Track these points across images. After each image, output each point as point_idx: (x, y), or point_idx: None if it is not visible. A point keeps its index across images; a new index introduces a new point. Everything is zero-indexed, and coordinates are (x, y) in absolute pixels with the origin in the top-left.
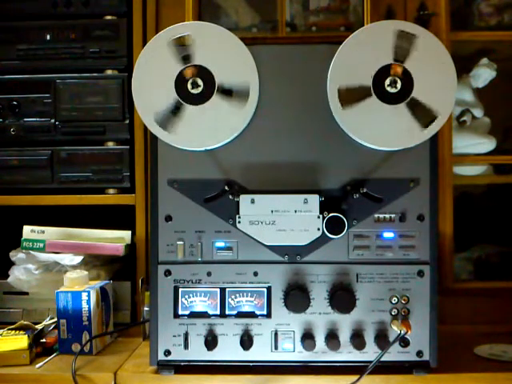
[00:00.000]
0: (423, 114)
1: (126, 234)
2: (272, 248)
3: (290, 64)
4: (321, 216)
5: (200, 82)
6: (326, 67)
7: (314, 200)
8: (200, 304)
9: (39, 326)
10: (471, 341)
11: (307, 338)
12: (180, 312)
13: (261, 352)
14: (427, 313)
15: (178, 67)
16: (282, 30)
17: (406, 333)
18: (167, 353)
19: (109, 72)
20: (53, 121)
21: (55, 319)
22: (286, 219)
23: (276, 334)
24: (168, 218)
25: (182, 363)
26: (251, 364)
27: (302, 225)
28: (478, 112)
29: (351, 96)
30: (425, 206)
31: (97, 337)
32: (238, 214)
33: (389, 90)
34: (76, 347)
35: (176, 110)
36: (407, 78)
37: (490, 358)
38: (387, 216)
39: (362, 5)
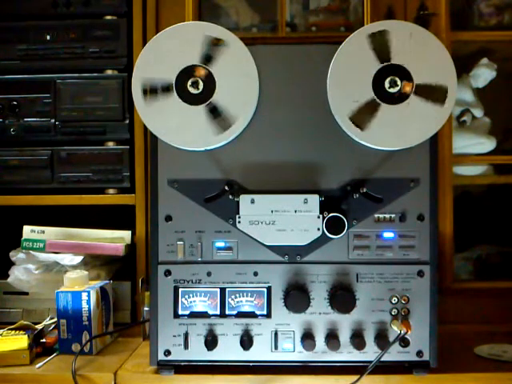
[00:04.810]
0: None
1: (126, 234)
2: (272, 248)
3: (290, 64)
4: (321, 216)
5: (201, 85)
6: (326, 67)
7: (314, 200)
8: (200, 304)
9: (39, 326)
10: (471, 341)
11: (307, 338)
12: (180, 312)
13: (261, 352)
14: (427, 313)
15: (194, 61)
16: (282, 30)
17: (405, 333)
18: (167, 353)
19: (109, 72)
20: (53, 121)
21: (55, 319)
22: (286, 219)
23: (276, 334)
24: (168, 218)
25: (182, 363)
26: (251, 364)
27: (302, 225)
28: (478, 112)
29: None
30: (425, 206)
31: (97, 337)
32: (238, 214)
33: (390, 90)
34: (76, 347)
35: (166, 89)
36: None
37: (489, 357)
38: (387, 216)
39: (362, 5)
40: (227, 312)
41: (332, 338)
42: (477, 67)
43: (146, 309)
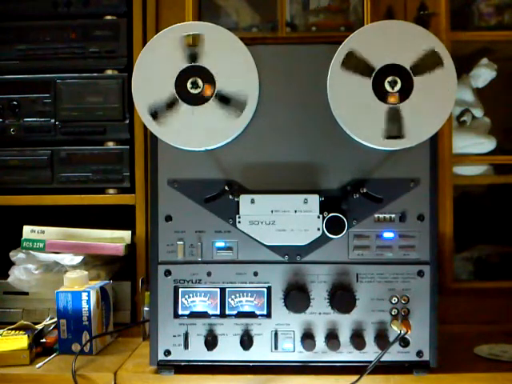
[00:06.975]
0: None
1: (126, 234)
2: (272, 248)
3: (290, 64)
4: (321, 216)
5: (200, 83)
6: (326, 67)
7: (314, 200)
8: (200, 304)
9: (39, 326)
10: (471, 341)
11: (307, 337)
12: (180, 312)
13: (261, 352)
14: (427, 313)
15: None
16: (282, 29)
17: (405, 333)
18: (167, 353)
19: (109, 72)
20: (53, 121)
21: (55, 319)
22: (286, 219)
23: (276, 334)
24: (168, 218)
25: (182, 363)
26: (251, 364)
27: (302, 225)
28: (478, 112)
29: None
30: (425, 206)
31: (97, 337)
32: (238, 213)
33: (387, 88)
34: (76, 347)
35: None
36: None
37: (489, 357)
38: (387, 216)
39: (362, 5)
40: (227, 312)
41: (332, 337)
42: (477, 67)
43: (146, 309)
